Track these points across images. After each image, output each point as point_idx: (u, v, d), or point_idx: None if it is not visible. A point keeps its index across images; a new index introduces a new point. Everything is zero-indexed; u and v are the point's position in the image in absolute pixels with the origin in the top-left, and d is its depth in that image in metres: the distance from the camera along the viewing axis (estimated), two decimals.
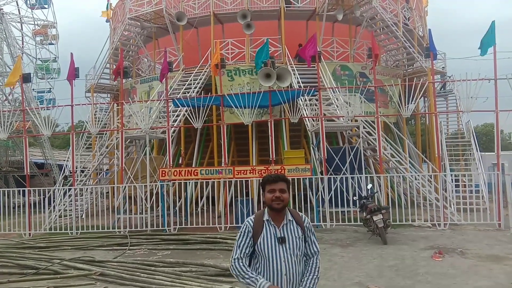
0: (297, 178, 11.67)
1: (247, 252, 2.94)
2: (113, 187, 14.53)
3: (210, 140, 16.95)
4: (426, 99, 19.33)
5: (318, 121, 12.86)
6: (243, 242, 2.95)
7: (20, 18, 28.51)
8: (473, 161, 16.33)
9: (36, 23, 28.67)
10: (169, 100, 13.59)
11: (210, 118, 15.55)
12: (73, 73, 13.52)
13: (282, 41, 16.76)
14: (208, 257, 8.62)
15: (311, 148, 14.16)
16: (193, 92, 15.61)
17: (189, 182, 12.34)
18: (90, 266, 7.66)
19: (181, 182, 12.32)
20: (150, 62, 20.58)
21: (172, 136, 13.94)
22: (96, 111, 17.99)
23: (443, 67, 20.00)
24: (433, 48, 13.88)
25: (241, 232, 2.98)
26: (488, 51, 12.09)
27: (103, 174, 17.47)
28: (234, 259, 2.91)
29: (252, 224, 2.98)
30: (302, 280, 2.94)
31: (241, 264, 2.90)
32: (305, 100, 13.81)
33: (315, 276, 2.97)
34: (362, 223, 10.62)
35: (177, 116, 14.76)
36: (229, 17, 17.47)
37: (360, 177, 11.87)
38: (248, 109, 12.82)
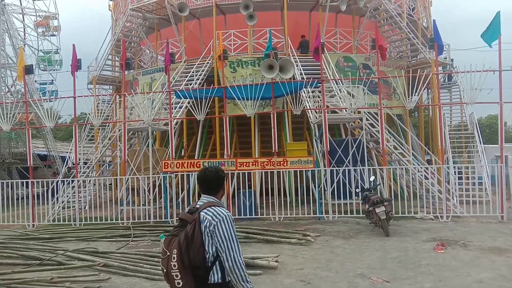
0: (299, 170, 11.64)
1: None
2: (116, 178, 14.57)
3: (212, 132, 16.93)
4: (429, 91, 19.21)
5: (321, 113, 12.81)
6: None
7: (22, 9, 28.40)
8: (476, 153, 16.25)
9: (37, 14, 28.58)
10: (171, 92, 13.55)
11: (213, 110, 15.51)
12: (76, 65, 13.48)
13: (285, 32, 16.63)
14: None
15: (314, 140, 14.12)
16: (196, 83, 15.56)
17: (192, 174, 12.35)
18: (93, 257, 7.70)
19: (183, 174, 12.35)
20: (152, 54, 20.50)
21: (174, 128, 13.92)
22: (98, 103, 17.98)
23: (451, 59, 19.82)
24: (438, 39, 13.68)
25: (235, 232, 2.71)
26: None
27: (106, 166, 17.51)
28: (242, 261, 2.62)
29: None
30: None
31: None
32: (308, 92, 13.74)
33: None
34: (364, 215, 10.61)
35: (180, 108, 14.73)
36: (231, 8, 17.34)
37: (363, 169, 11.85)
38: (250, 101, 12.77)
